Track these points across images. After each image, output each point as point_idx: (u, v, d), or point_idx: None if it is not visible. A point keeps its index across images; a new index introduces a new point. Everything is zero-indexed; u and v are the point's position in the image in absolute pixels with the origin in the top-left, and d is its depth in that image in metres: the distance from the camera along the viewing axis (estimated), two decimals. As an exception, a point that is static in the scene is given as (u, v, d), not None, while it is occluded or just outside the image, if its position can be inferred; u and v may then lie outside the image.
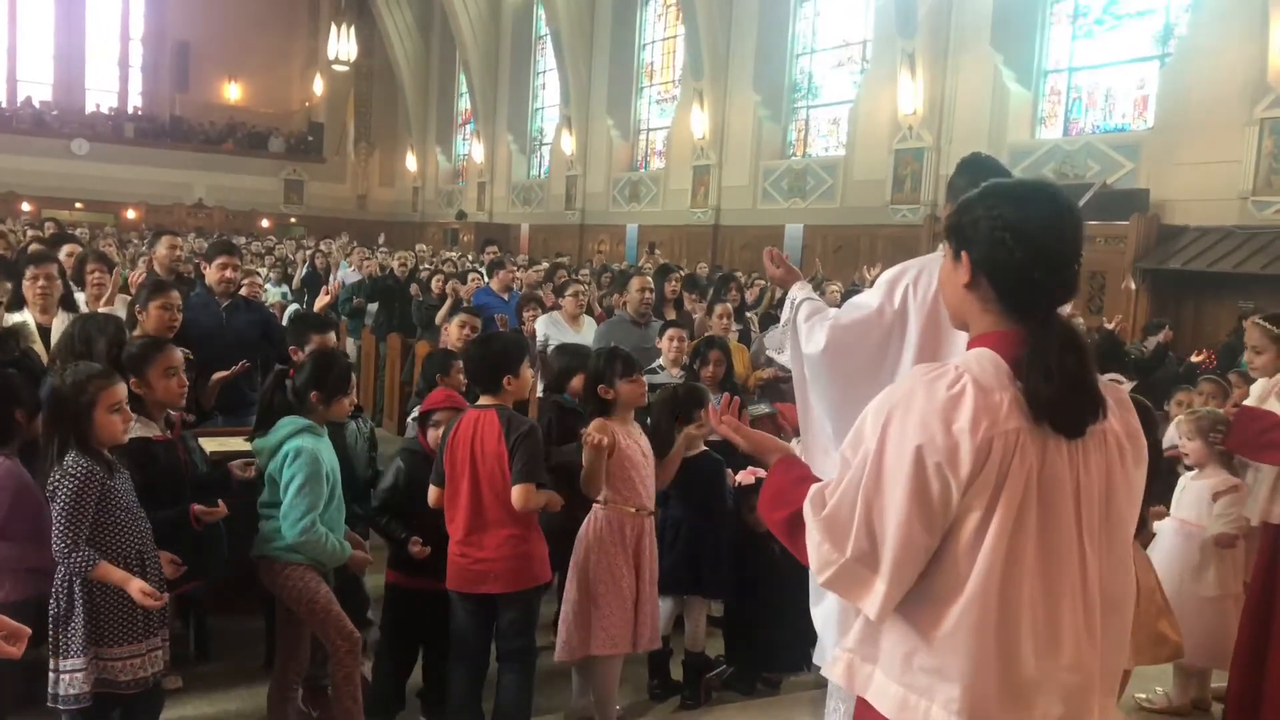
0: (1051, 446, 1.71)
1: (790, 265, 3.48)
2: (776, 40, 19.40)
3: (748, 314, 8.90)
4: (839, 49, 18.67)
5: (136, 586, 3.05)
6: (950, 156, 14.94)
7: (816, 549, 1.77)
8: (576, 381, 4.66)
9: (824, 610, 3.12)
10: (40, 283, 4.98)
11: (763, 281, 10.88)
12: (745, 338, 7.69)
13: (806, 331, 3.15)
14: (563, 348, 5.25)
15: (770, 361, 6.84)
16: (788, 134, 19.67)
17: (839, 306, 3.36)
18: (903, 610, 1.75)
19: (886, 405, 1.74)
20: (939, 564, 1.72)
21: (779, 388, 6.77)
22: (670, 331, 5.89)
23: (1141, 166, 12.74)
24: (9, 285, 4.87)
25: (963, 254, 1.81)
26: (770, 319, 7.84)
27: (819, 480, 1.88)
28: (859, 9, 17.92)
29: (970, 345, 1.82)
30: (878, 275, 10.71)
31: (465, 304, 8.56)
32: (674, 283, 7.87)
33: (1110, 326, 8.49)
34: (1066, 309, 2.00)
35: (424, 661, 4.19)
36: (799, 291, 3.31)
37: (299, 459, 3.58)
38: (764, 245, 3.90)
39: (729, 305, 7.29)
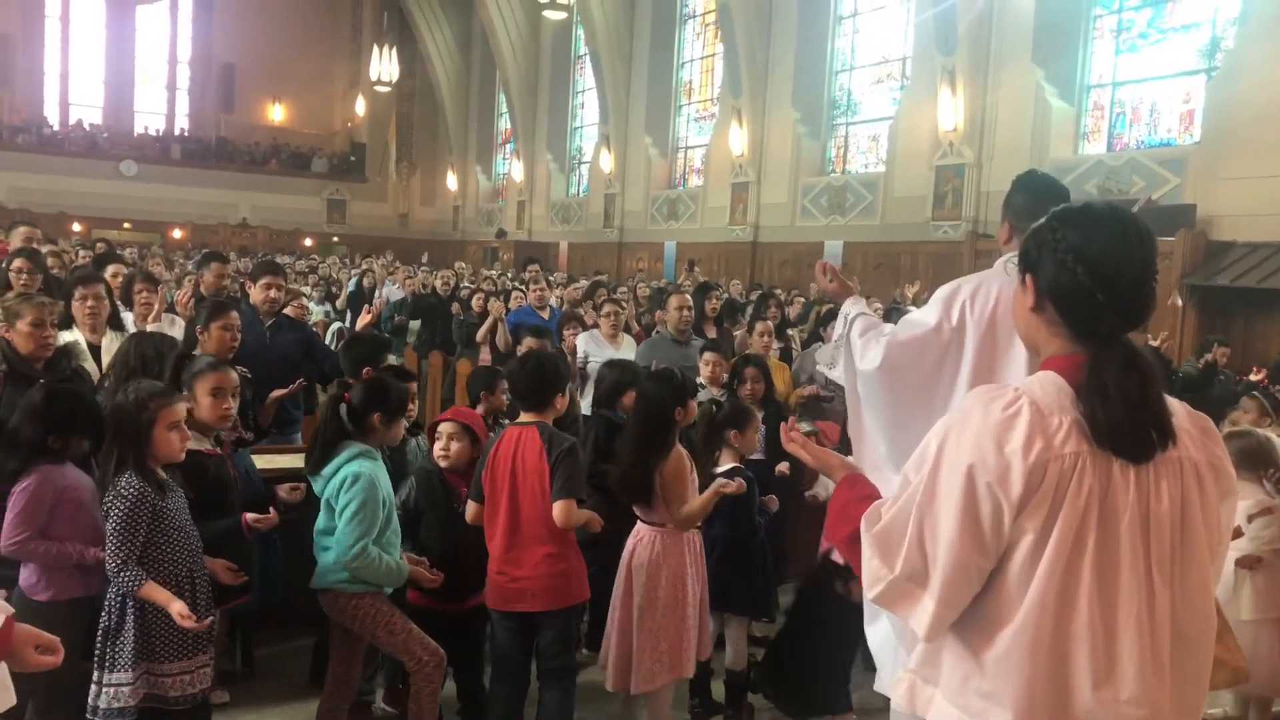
0: (1117, 473, 1.67)
1: (843, 279, 3.44)
2: (815, 57, 19.40)
3: (789, 331, 8.87)
4: (878, 65, 18.63)
5: (177, 609, 3.09)
6: (992, 173, 14.84)
7: (867, 564, 1.78)
8: (628, 398, 4.64)
9: (880, 631, 3.07)
10: (89, 302, 5.07)
11: (803, 299, 10.84)
12: (786, 355, 7.66)
13: (861, 347, 3.11)
14: (614, 363, 5.24)
15: (812, 379, 6.81)
16: (827, 150, 19.63)
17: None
18: (959, 632, 1.74)
19: (945, 424, 1.74)
20: (993, 586, 1.70)
21: (820, 405, 6.73)
22: (707, 355, 5.89)
23: (1188, 182, 12.57)
24: (60, 305, 4.95)
25: (1028, 278, 1.81)
26: (816, 337, 7.80)
27: (881, 498, 1.89)
28: (898, 26, 17.89)
29: (1040, 369, 1.80)
30: (918, 292, 10.67)
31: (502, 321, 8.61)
32: (714, 301, 7.87)
33: (1156, 344, 8.36)
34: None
35: (456, 681, 4.19)
36: (852, 306, 3.26)
37: (356, 484, 3.58)
38: (803, 261, 3.89)
39: (769, 323, 7.26)
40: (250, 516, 3.60)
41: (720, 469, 4.48)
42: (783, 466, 5.36)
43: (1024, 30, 14.72)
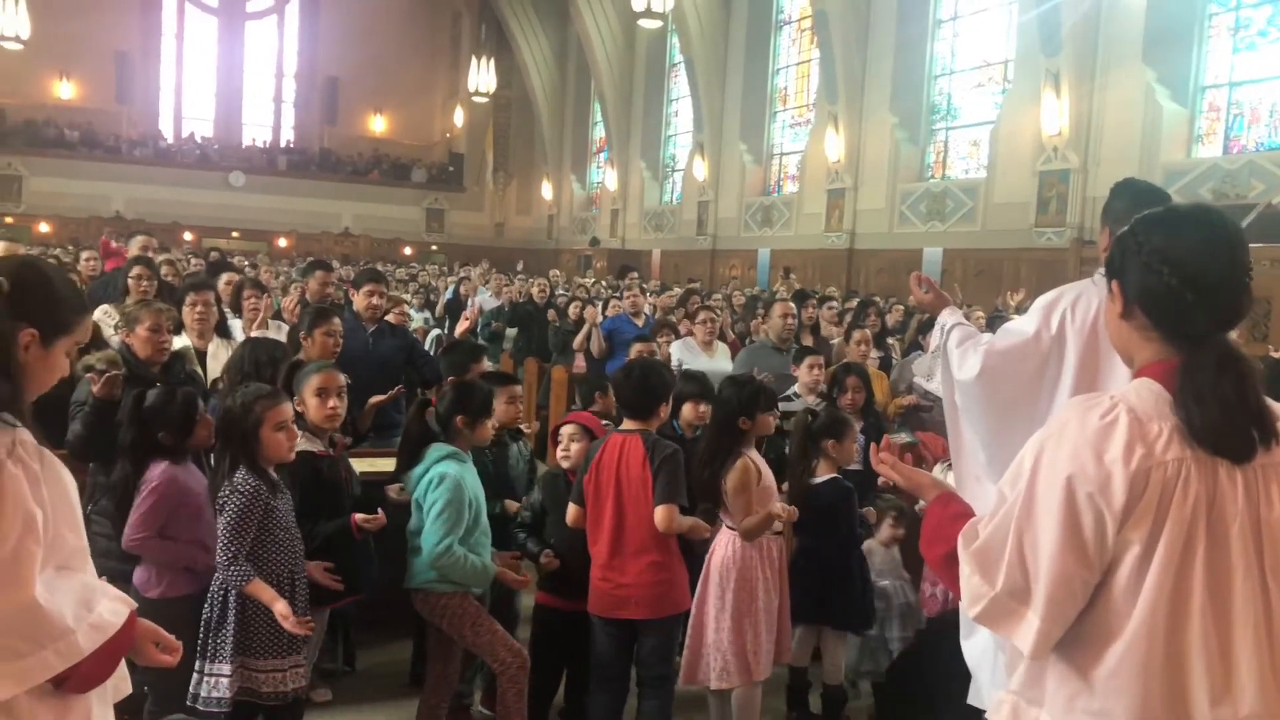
0: (1224, 479, 1.62)
1: (939, 290, 3.39)
2: (914, 62, 19.11)
3: (888, 340, 8.72)
4: (979, 69, 18.27)
5: (280, 609, 3.17)
6: (1098, 178, 14.41)
7: (967, 582, 1.74)
8: (688, 409, 4.62)
9: (976, 645, 3.00)
10: (199, 309, 5.26)
11: (902, 306, 10.66)
12: (885, 364, 7.53)
13: (959, 357, 3.06)
14: (686, 374, 5.24)
15: (911, 388, 6.69)
16: (926, 156, 19.32)
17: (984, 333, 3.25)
18: (1064, 649, 1.69)
19: (1041, 437, 1.70)
20: (1099, 600, 1.65)
21: (919, 416, 6.61)
22: (809, 359, 5.80)
23: (1311, 185, 12.03)
24: (175, 312, 5.14)
25: (1115, 285, 1.78)
26: (916, 347, 7.66)
27: (975, 515, 1.84)
28: (1000, 28, 17.51)
29: (1135, 377, 1.76)
30: (1021, 300, 10.41)
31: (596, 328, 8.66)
32: (810, 308, 7.79)
33: (1277, 355, 8.01)
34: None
35: (567, 682, 4.21)
36: (949, 317, 3.22)
37: (442, 484, 3.65)
38: (901, 269, 3.83)
39: (868, 331, 7.15)
40: (360, 517, 3.68)
41: (818, 479, 4.43)
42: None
43: (1134, 30, 14.26)
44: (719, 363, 6.84)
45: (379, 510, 3.77)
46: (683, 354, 7.09)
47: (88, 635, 1.85)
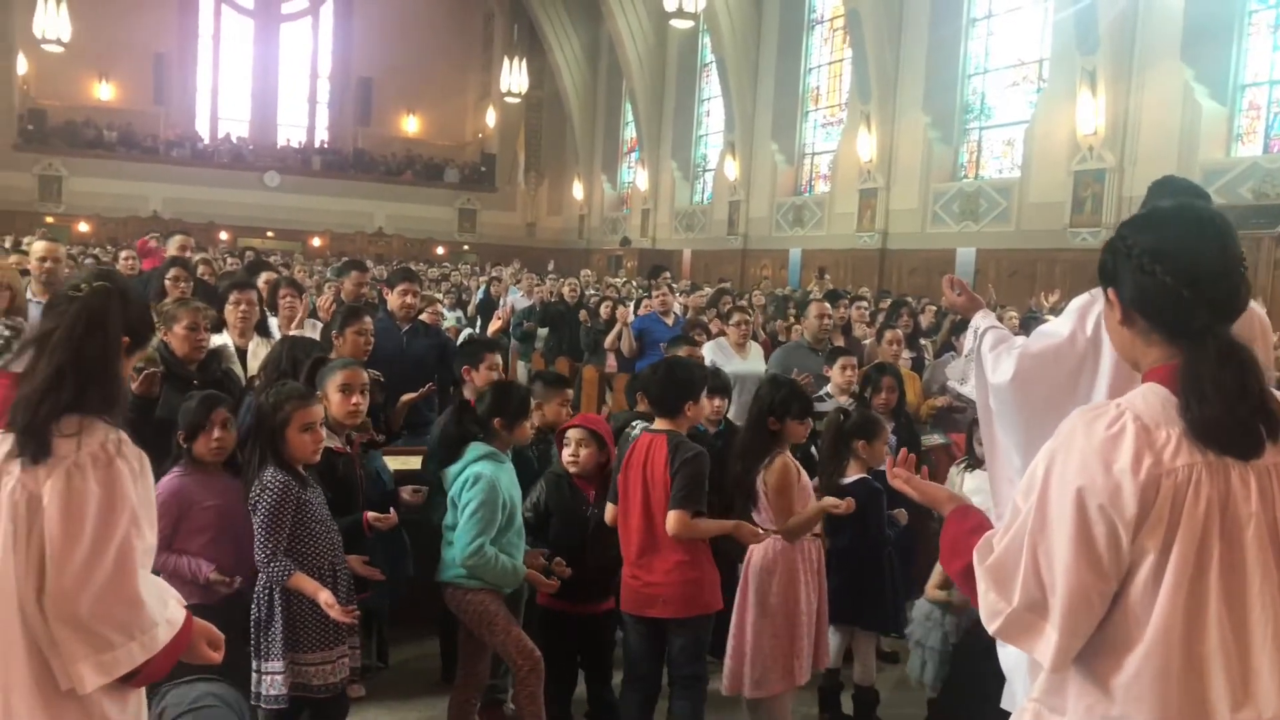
0: (1236, 482, 1.60)
1: (972, 293, 3.37)
2: (947, 61, 18.98)
3: (921, 341, 8.68)
4: (1013, 68, 18.11)
5: (325, 598, 3.20)
6: (1135, 177, 14.24)
7: (983, 598, 1.74)
8: (704, 404, 4.62)
9: (1012, 651, 2.98)
10: (241, 308, 5.32)
11: (935, 307, 10.60)
12: (918, 365, 7.49)
13: (992, 361, 3.03)
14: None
15: (944, 389, 6.65)
16: (959, 156, 19.18)
17: (1018, 334, 3.23)
18: (1083, 658, 1.68)
19: (1050, 447, 1.69)
20: (1116, 609, 1.64)
21: (952, 417, 6.57)
22: (842, 360, 5.79)
23: (1353, 184, 11.83)
24: (214, 311, 5.20)
25: (1110, 292, 1.77)
26: (949, 347, 7.61)
27: (992, 528, 1.83)
28: (1035, 27, 17.35)
29: (1142, 382, 1.74)
30: (1056, 301, 10.28)
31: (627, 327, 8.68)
32: (842, 309, 7.77)
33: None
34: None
35: (586, 684, 4.22)
36: (982, 320, 3.19)
37: (478, 484, 3.68)
38: (934, 269, 3.81)
39: (900, 331, 7.12)
40: (371, 515, 3.71)
41: (847, 480, 4.42)
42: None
43: (1172, 28, 14.08)
44: (753, 363, 6.83)
45: (391, 510, 3.79)
46: (716, 355, 7.08)
47: (165, 630, 1.92)
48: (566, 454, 4.15)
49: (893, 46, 19.52)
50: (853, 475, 4.44)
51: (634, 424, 4.67)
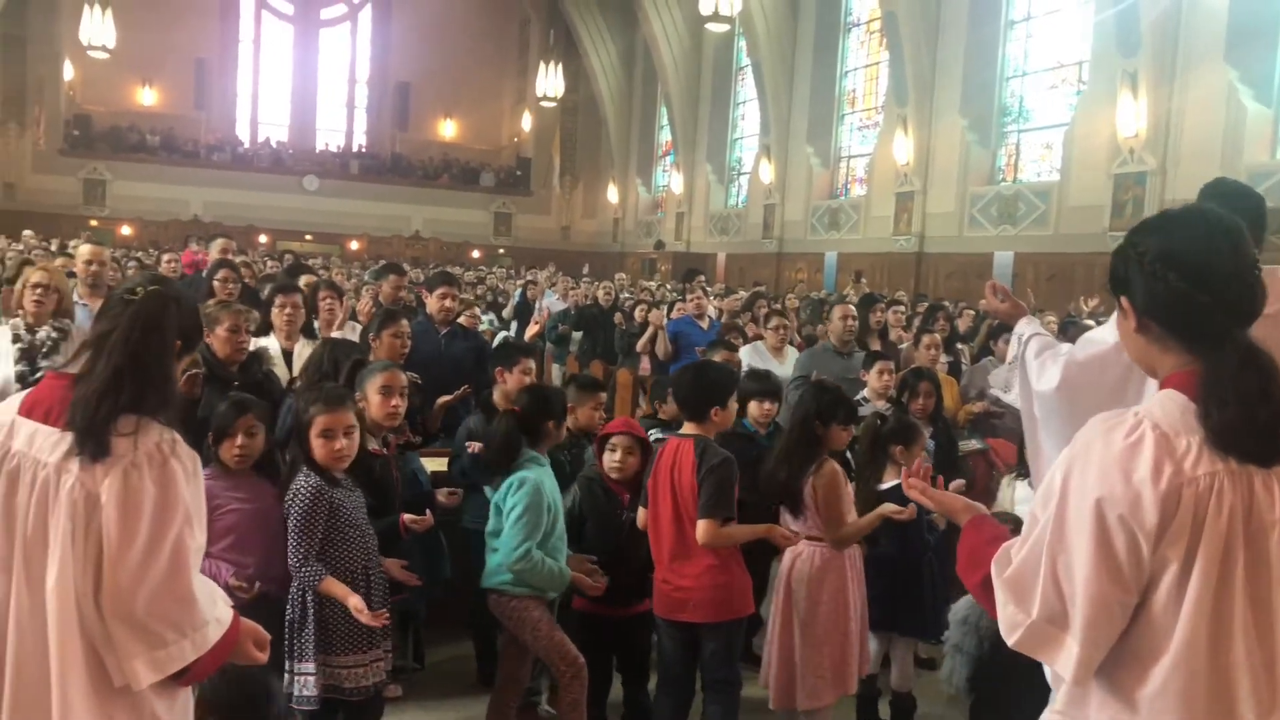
0: (1260, 489, 1.58)
1: (1015, 299, 3.33)
2: (985, 63, 18.84)
3: (958, 345, 8.61)
4: (1053, 70, 17.95)
5: (355, 603, 3.20)
6: (1177, 180, 14.06)
7: (1002, 610, 1.71)
8: (753, 407, 4.65)
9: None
10: (286, 310, 5.38)
11: (972, 311, 10.51)
12: (955, 370, 7.43)
13: (1037, 368, 3.00)
14: (750, 373, 5.25)
15: (981, 395, 6.60)
16: (997, 159, 19.03)
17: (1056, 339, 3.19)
18: (1106, 670, 1.65)
19: (1068, 456, 1.66)
20: (1140, 620, 1.62)
21: (990, 422, 6.52)
22: (879, 364, 5.75)
23: (1402, 187, 11.60)
24: (257, 315, 5.26)
25: (1123, 300, 1.75)
26: (986, 352, 7.55)
27: (1010, 539, 1.82)
28: (1075, 29, 17.18)
29: (1159, 389, 1.71)
30: (1095, 306, 10.13)
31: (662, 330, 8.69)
32: (879, 313, 7.72)
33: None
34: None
35: (623, 687, 4.23)
36: (1026, 327, 3.15)
37: (522, 489, 3.68)
38: (971, 273, 3.76)
39: (937, 336, 7.06)
40: (407, 517, 3.72)
41: (884, 486, 4.39)
42: (958, 483, 5.19)
43: (1215, 28, 13.89)
44: (789, 368, 6.81)
45: (427, 511, 3.82)
46: (753, 359, 7.07)
47: (215, 629, 1.96)
48: (612, 459, 4.11)
49: (930, 49, 19.40)
50: (890, 481, 4.41)
51: (650, 431, 4.69)
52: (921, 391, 5.32)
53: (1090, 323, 8.36)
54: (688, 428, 3.84)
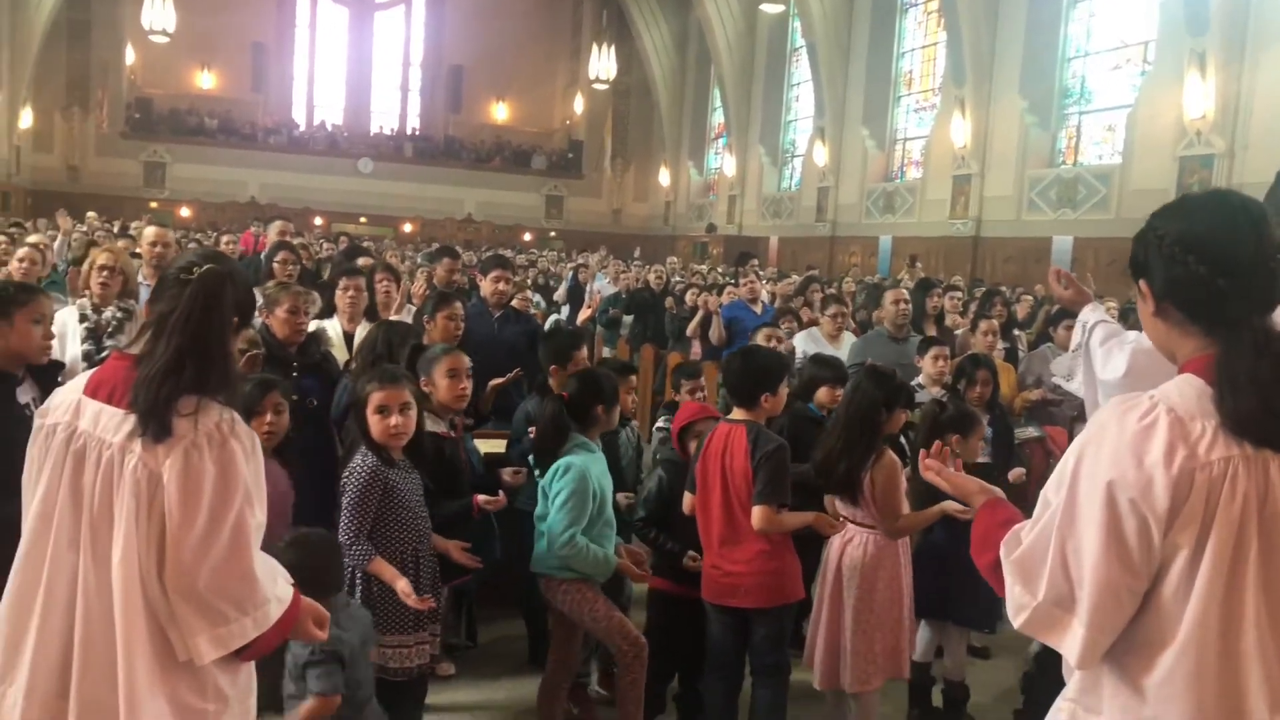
0: (1275, 473, 1.55)
1: (1080, 286, 3.26)
2: (1046, 43, 18.48)
3: (1015, 331, 8.47)
4: (1116, 50, 17.55)
5: (402, 587, 3.22)
6: (1246, 163, 13.70)
7: (1010, 591, 1.70)
8: (823, 393, 4.63)
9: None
10: (350, 293, 5.45)
11: (1030, 297, 10.35)
12: (1012, 356, 7.32)
13: (1103, 356, 2.93)
14: (817, 358, 5.21)
15: (1039, 382, 6.49)
16: (1057, 141, 18.68)
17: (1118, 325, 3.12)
18: (1115, 657, 1.63)
19: (1082, 440, 1.65)
20: (1150, 606, 1.60)
21: (1047, 410, 6.42)
22: (935, 350, 5.67)
23: None
24: (316, 296, 5.32)
25: (1142, 283, 1.74)
26: (1045, 339, 7.42)
27: (1021, 521, 1.80)
28: (1141, 8, 16.78)
29: (1178, 373, 1.68)
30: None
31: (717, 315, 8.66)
32: (935, 298, 7.63)
33: None
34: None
35: (685, 667, 4.22)
36: (1091, 314, 3.08)
37: (569, 474, 3.69)
38: (1029, 258, 3.68)
39: (995, 322, 6.95)
40: (481, 498, 3.75)
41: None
42: (1017, 472, 5.13)
43: (1288, 7, 13.49)
44: (845, 355, 6.74)
45: (499, 492, 3.84)
46: (808, 344, 7.01)
47: (276, 606, 1.99)
48: (694, 445, 4.08)
49: (989, 29, 19.07)
50: (945, 471, 4.36)
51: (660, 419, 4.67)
52: (979, 379, 5.23)
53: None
54: (737, 413, 3.82)
